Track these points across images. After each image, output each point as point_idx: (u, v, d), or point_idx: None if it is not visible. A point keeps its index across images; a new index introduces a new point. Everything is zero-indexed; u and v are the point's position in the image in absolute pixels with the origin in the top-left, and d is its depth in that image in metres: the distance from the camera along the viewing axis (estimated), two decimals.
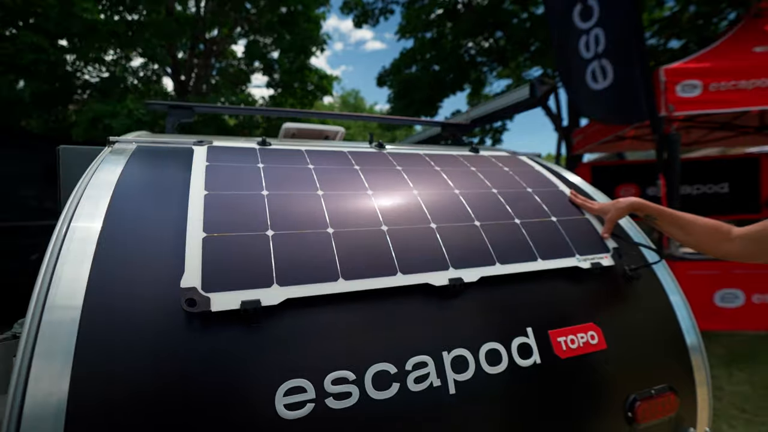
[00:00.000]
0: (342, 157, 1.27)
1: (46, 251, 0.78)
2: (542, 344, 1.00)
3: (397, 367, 0.86)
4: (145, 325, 0.75)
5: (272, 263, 0.85)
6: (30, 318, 0.69)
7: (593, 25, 3.27)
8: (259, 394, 0.76)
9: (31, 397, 0.64)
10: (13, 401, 0.63)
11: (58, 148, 1.34)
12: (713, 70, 3.14)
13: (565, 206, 1.30)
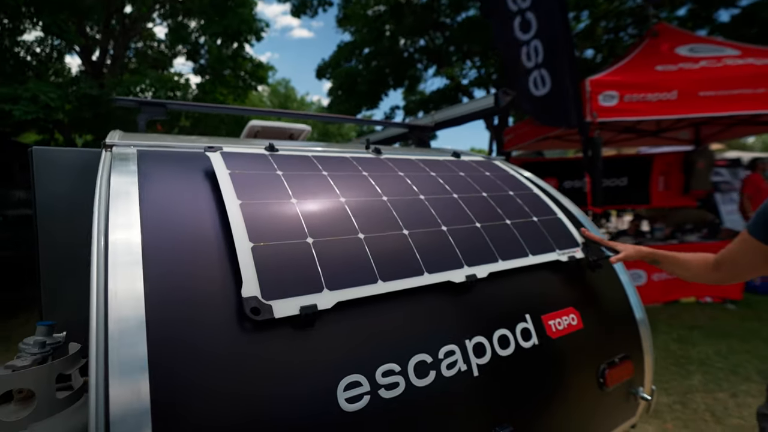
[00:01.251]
0: (348, 164, 1.33)
1: (90, 267, 0.76)
2: (538, 328, 1.17)
3: (432, 357, 0.96)
4: (210, 334, 0.77)
5: (319, 269, 0.91)
6: (95, 338, 0.68)
7: (532, 37, 3.62)
8: (323, 391, 0.82)
9: (117, 418, 0.64)
10: (97, 423, 0.63)
11: (30, 150, 1.23)
12: (626, 84, 3.65)
13: (540, 207, 1.50)
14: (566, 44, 3.48)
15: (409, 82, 8.37)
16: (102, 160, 1.04)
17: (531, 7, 3.58)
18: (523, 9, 3.62)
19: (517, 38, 3.67)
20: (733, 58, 4.00)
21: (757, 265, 1.10)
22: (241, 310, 0.81)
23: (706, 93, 3.56)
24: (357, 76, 7.67)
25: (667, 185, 6.31)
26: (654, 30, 4.68)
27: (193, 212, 0.95)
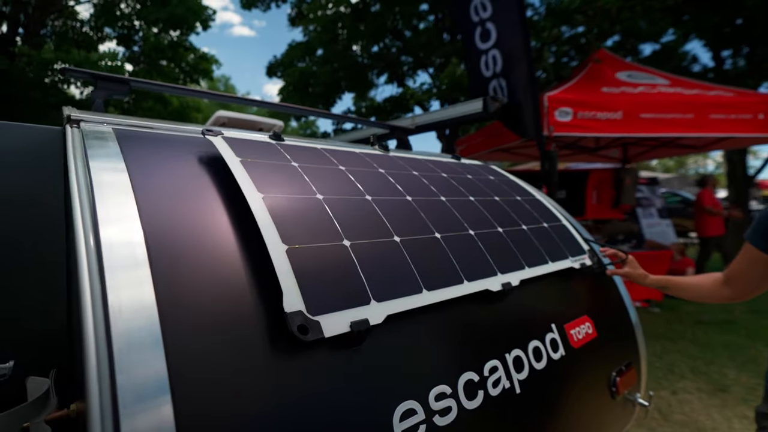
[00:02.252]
0: (361, 159, 1.19)
1: (76, 271, 0.56)
2: (563, 338, 1.12)
3: (478, 375, 0.87)
4: (244, 358, 0.60)
5: (362, 277, 0.77)
6: (93, 357, 0.49)
7: (491, 47, 3.71)
8: (380, 424, 0.68)
9: None
10: None
11: None
12: (579, 101, 3.88)
13: (546, 213, 1.47)
14: (526, 56, 3.62)
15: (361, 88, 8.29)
16: (69, 140, 0.82)
17: (492, 17, 3.68)
18: (483, 19, 3.71)
19: (477, 47, 3.75)
20: (665, 86, 4.44)
21: (765, 276, 1.14)
22: (278, 326, 0.65)
23: (646, 115, 3.89)
24: (311, 77, 7.42)
25: (599, 199, 6.85)
26: (596, 58, 5.07)
27: (202, 206, 0.77)
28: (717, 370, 3.46)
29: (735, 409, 2.83)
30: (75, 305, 0.67)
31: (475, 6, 3.78)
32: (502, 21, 3.75)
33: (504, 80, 3.77)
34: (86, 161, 0.75)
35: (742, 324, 4.62)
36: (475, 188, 1.35)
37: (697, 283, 1.29)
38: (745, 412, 2.80)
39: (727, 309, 5.16)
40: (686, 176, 23.85)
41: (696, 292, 1.29)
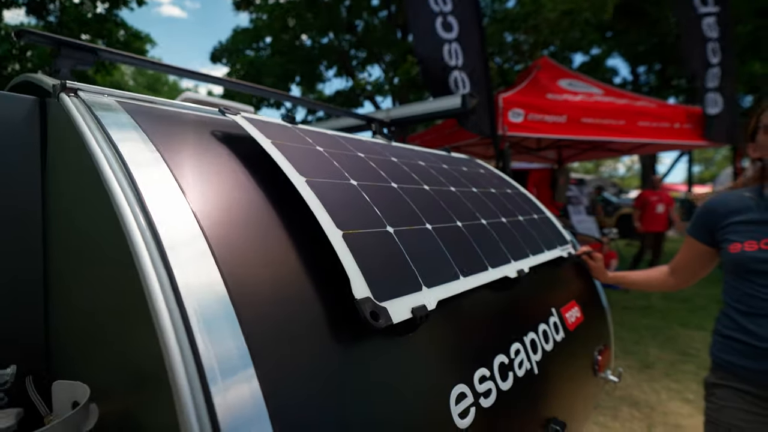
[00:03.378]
0: (374, 147, 1.18)
1: (131, 259, 0.51)
2: (561, 321, 1.20)
3: (507, 357, 0.90)
4: (317, 344, 0.58)
5: (410, 263, 0.77)
6: (173, 340, 0.45)
7: (453, 39, 3.80)
8: (440, 406, 0.69)
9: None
10: None
11: None
12: (529, 104, 4.13)
13: (533, 205, 1.56)
14: (482, 56, 3.78)
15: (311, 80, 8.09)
16: (73, 111, 0.71)
17: (452, 11, 3.78)
18: (445, 12, 3.79)
19: (440, 37, 3.78)
20: (600, 95, 4.87)
21: (705, 263, 1.32)
22: (342, 312, 0.63)
23: (586, 120, 4.25)
24: (262, 66, 7.08)
25: (539, 196, 7.35)
26: (538, 64, 5.43)
27: (245, 190, 0.72)
28: (643, 349, 3.89)
29: (661, 382, 3.21)
30: (62, 297, 0.60)
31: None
32: (461, 16, 3.87)
33: (465, 74, 3.90)
34: (107, 136, 0.66)
35: (658, 309, 5.24)
36: (474, 180, 1.39)
37: (646, 276, 1.48)
38: (669, 384, 3.18)
39: (645, 296, 5.81)
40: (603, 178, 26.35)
41: (646, 284, 1.48)
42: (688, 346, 3.97)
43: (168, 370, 0.45)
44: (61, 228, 0.77)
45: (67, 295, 0.74)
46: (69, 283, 0.73)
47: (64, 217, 0.77)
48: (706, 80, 4.69)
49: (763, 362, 1.07)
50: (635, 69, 10.35)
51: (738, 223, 1.14)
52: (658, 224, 6.40)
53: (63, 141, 0.78)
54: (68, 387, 0.54)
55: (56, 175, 0.81)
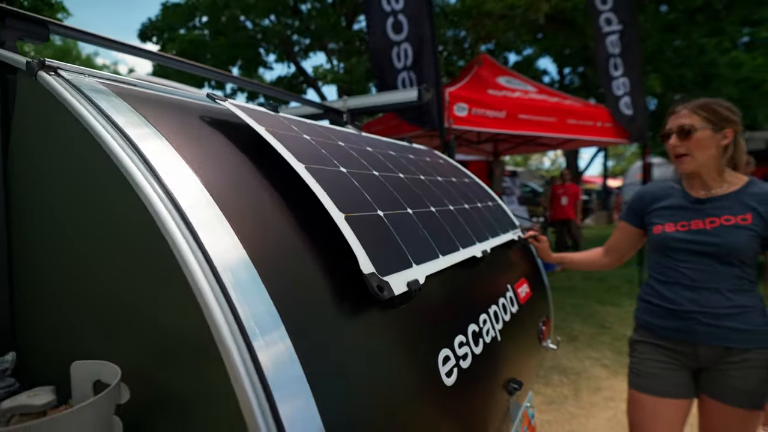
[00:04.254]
0: (349, 137, 1.23)
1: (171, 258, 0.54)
2: (515, 295, 1.36)
3: (478, 326, 1.02)
4: (340, 317, 0.66)
5: (401, 243, 0.85)
6: (229, 339, 0.50)
7: (403, 40, 3.91)
8: (431, 366, 0.79)
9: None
10: None
11: None
12: (472, 99, 4.36)
13: (487, 194, 1.71)
14: (432, 50, 3.93)
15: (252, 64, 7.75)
16: (65, 93, 0.70)
17: (403, 10, 3.87)
18: (396, 11, 3.89)
19: (389, 38, 3.89)
20: (534, 93, 5.26)
21: (634, 244, 1.56)
22: (352, 288, 0.70)
23: (523, 116, 4.58)
24: (202, 47, 6.62)
25: None
26: (479, 59, 5.72)
27: (248, 174, 0.75)
28: (568, 325, 4.35)
29: (584, 352, 3.63)
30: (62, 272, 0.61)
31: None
32: (412, 13, 3.97)
33: (413, 73, 4.02)
34: (110, 119, 0.66)
35: (580, 289, 5.84)
36: (437, 169, 1.50)
37: (584, 256, 1.71)
38: (590, 353, 3.61)
39: (569, 278, 6.44)
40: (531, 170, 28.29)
41: (584, 263, 1.71)
42: (604, 320, 4.50)
43: (215, 335, 0.49)
44: (44, 217, 0.75)
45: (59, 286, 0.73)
46: (63, 273, 0.72)
47: (46, 206, 0.74)
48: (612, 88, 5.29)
49: (674, 321, 1.31)
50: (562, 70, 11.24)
51: (661, 208, 1.37)
52: (562, 213, 7.29)
53: (44, 124, 0.75)
54: (90, 367, 0.55)
55: (28, 160, 0.77)
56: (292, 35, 8.05)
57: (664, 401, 1.33)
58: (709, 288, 1.24)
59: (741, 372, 1.22)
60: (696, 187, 1.32)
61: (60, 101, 0.69)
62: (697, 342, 1.28)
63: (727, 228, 1.21)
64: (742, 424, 1.23)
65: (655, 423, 1.33)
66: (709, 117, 1.24)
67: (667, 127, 1.32)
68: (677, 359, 1.34)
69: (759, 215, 1.18)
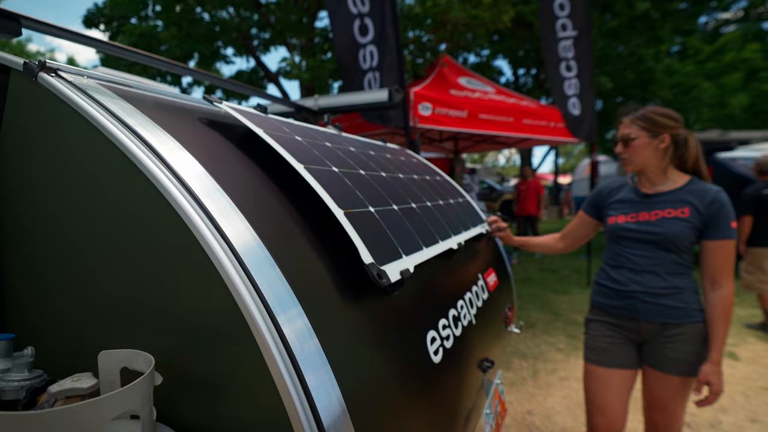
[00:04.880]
0: (332, 137, 1.30)
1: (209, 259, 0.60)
2: (485, 284, 1.49)
3: (456, 311, 1.13)
4: (341, 301, 0.73)
5: (391, 236, 0.93)
6: (265, 332, 0.57)
7: (369, 42, 3.99)
8: (420, 346, 0.88)
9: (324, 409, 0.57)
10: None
11: None
12: (436, 99, 4.52)
13: (456, 190, 1.83)
14: (397, 52, 4.03)
15: (210, 59, 7.48)
16: (73, 96, 0.72)
17: (369, 12, 3.95)
18: (363, 13, 3.95)
19: (356, 41, 3.97)
20: (493, 94, 5.50)
21: (589, 233, 1.75)
22: (350, 275, 0.79)
23: (483, 116, 4.80)
24: (153, 39, 6.26)
25: None
26: (442, 61, 5.90)
27: (252, 175, 0.81)
28: (526, 313, 4.63)
29: (541, 338, 3.90)
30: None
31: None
32: (377, 16, 4.04)
33: (378, 73, 4.11)
34: (122, 121, 0.70)
35: (535, 279, 6.20)
36: (412, 168, 1.60)
37: (543, 240, 1.89)
38: (546, 339, 3.88)
39: (525, 269, 6.81)
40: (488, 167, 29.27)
41: (543, 246, 1.88)
42: (558, 308, 4.83)
43: (244, 313, 0.56)
44: (44, 215, 0.76)
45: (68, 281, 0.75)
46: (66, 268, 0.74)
47: (43, 206, 0.76)
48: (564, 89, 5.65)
49: (621, 300, 1.49)
50: (516, 71, 11.75)
51: (615, 202, 1.55)
52: (525, 210, 7.69)
53: (46, 126, 0.76)
54: (117, 356, 0.59)
55: (25, 162, 0.78)
56: (250, 29, 7.87)
57: (613, 372, 1.51)
58: (651, 271, 1.43)
59: (676, 344, 1.41)
60: (644, 184, 1.50)
61: (66, 103, 0.71)
62: (638, 318, 1.47)
63: (669, 220, 1.39)
64: (678, 390, 1.43)
65: (606, 392, 1.51)
66: (645, 126, 1.42)
67: (617, 135, 1.51)
68: (623, 334, 1.53)
69: (696, 209, 1.38)
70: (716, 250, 1.36)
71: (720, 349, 1.35)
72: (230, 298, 0.57)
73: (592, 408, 1.56)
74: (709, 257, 1.38)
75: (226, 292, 0.57)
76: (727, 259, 1.36)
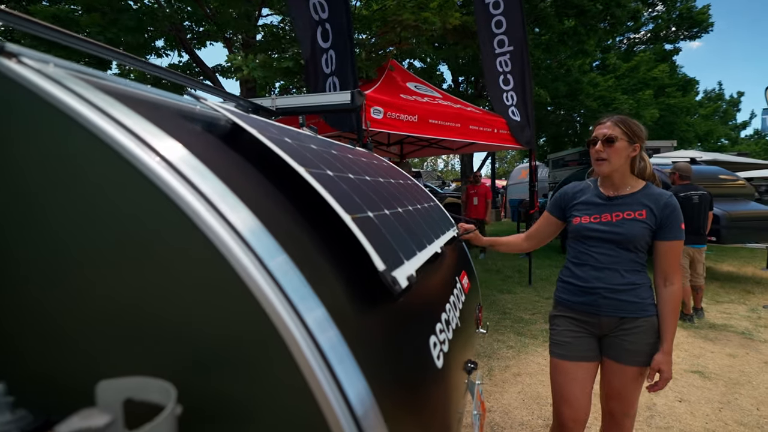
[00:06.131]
0: (317, 140, 1.24)
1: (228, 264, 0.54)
2: (461, 286, 1.51)
3: (447, 314, 1.13)
4: (361, 314, 0.70)
5: (392, 242, 0.91)
6: (299, 339, 0.52)
7: (329, 47, 3.94)
8: (426, 351, 0.87)
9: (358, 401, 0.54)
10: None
11: None
12: (387, 103, 4.54)
13: (427, 195, 1.84)
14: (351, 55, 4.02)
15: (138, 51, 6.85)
16: (44, 85, 0.61)
17: (328, 18, 3.90)
18: (323, 20, 3.90)
19: (320, 46, 3.92)
20: (440, 100, 5.67)
21: (553, 233, 1.85)
22: (361, 285, 0.75)
23: (432, 121, 4.91)
24: (71, 23, 5.56)
25: None
26: (390, 65, 5.97)
27: (260, 182, 0.75)
28: None
29: (492, 337, 4.06)
30: None
31: (314, 5, 3.90)
32: (335, 22, 4.01)
33: (337, 78, 4.07)
34: (111, 116, 0.60)
35: (482, 280, 6.46)
36: (389, 173, 1.58)
37: (510, 240, 1.97)
38: (497, 337, 4.05)
39: None
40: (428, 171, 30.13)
41: (509, 246, 1.95)
42: (504, 307, 5.07)
43: (268, 310, 0.51)
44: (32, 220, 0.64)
45: None
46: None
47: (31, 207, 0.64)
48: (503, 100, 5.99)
49: (584, 297, 1.59)
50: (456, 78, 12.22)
51: (579, 203, 1.65)
52: (475, 213, 7.90)
53: (9, 117, 0.64)
54: (118, 385, 0.51)
55: None
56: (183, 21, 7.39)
57: (578, 365, 1.61)
58: (612, 268, 1.54)
59: (633, 337, 1.53)
60: (607, 187, 1.61)
61: (36, 93, 0.61)
62: (600, 313, 1.57)
63: (628, 221, 1.51)
64: (635, 379, 1.55)
65: (572, 384, 1.60)
66: (626, 131, 1.52)
67: (593, 135, 1.59)
68: (585, 328, 1.63)
69: (651, 212, 1.50)
70: (669, 249, 1.50)
71: (671, 339, 1.49)
72: (255, 303, 0.52)
73: (559, 400, 1.64)
74: (662, 256, 1.52)
75: (251, 298, 0.52)
76: (678, 258, 1.51)
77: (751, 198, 7.02)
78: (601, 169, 1.56)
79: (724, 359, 3.54)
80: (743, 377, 3.20)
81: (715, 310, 4.88)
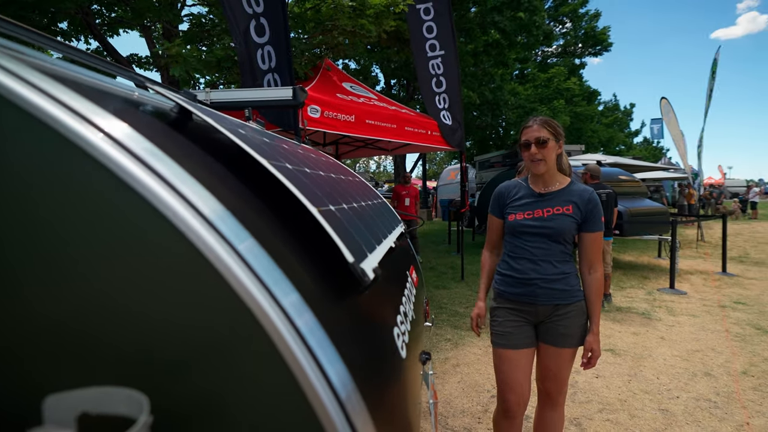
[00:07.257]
0: (264, 134, 1.20)
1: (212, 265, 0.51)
2: (411, 279, 1.55)
3: (404, 306, 1.16)
4: (331, 305, 0.69)
5: (355, 235, 0.91)
6: (288, 337, 0.51)
7: (266, 42, 3.79)
8: (391, 342, 0.88)
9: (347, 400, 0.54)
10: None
11: None
12: (324, 102, 4.49)
13: (373, 191, 1.86)
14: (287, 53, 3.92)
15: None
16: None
17: (263, 13, 3.75)
18: (258, 13, 3.74)
19: (254, 41, 3.75)
20: (376, 101, 5.73)
21: (503, 233, 1.94)
22: (328, 277, 0.75)
23: (369, 121, 4.95)
24: (20, 4, 4.69)
25: None
26: (327, 65, 5.91)
27: (222, 172, 0.71)
28: None
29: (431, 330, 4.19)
30: None
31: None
32: (271, 16, 3.87)
33: (277, 75, 3.94)
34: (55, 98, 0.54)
35: None
36: (336, 168, 1.57)
37: (488, 268, 1.93)
38: (435, 332, 4.19)
39: None
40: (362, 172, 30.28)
41: (491, 272, 1.92)
42: (441, 302, 5.26)
43: (250, 301, 0.50)
44: None
45: None
46: None
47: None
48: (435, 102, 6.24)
49: (522, 288, 1.71)
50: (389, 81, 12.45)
51: (514, 200, 1.76)
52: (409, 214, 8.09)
53: None
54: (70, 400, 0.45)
55: None
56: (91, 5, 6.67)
57: (519, 352, 1.73)
58: (545, 260, 1.67)
59: (566, 321, 1.68)
60: (538, 185, 1.75)
61: None
62: (537, 302, 1.70)
63: (558, 216, 1.65)
64: (569, 360, 1.71)
65: (517, 371, 1.71)
66: (552, 131, 1.65)
67: (523, 139, 1.69)
68: (524, 317, 1.75)
69: (577, 207, 1.66)
70: (592, 240, 1.67)
71: (598, 321, 1.66)
72: (232, 292, 0.49)
73: (504, 387, 1.75)
74: (587, 246, 1.68)
75: (227, 287, 0.49)
76: (600, 248, 1.69)
77: (645, 196, 8.07)
78: (539, 169, 1.68)
79: (630, 337, 4.01)
80: (645, 351, 3.66)
81: (620, 295, 5.52)
